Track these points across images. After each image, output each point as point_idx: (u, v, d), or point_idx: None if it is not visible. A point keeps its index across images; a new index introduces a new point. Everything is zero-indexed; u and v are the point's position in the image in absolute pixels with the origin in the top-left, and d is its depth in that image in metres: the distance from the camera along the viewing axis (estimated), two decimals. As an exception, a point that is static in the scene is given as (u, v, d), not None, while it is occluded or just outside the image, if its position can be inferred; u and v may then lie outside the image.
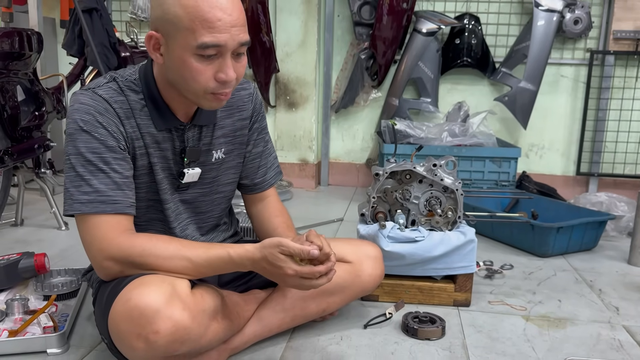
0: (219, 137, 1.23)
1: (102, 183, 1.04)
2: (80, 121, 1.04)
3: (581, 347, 1.36)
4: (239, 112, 1.26)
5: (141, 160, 1.13)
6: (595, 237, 2.14)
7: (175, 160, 1.17)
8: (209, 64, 1.01)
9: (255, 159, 1.33)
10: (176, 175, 1.18)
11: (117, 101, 1.08)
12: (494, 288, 1.73)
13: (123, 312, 0.96)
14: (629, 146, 2.97)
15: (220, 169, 1.26)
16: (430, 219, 1.57)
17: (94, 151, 1.04)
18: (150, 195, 1.17)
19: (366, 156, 3.28)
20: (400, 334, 1.40)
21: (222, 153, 1.25)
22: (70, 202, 1.04)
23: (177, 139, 1.16)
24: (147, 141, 1.12)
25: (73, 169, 1.04)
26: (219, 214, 1.32)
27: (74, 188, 1.04)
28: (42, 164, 2.34)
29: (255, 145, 1.32)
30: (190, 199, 1.23)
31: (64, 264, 1.77)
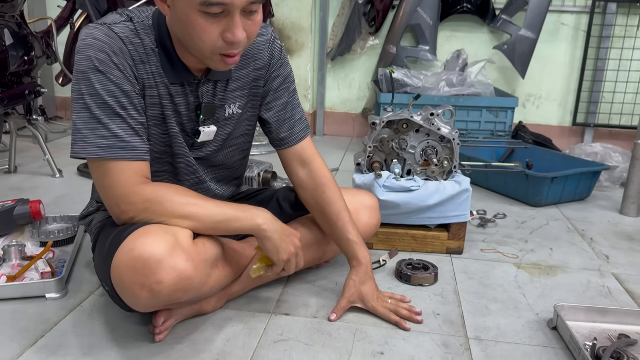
0: (233, 90, 1.16)
1: (120, 128, 1.00)
2: (95, 59, 0.97)
3: (571, 293, 1.39)
4: (254, 61, 1.18)
5: (153, 110, 1.07)
6: (589, 187, 2.15)
7: (189, 117, 1.12)
8: (216, 22, 0.93)
9: (279, 111, 1.24)
10: (190, 133, 1.13)
11: (133, 43, 1.01)
12: (486, 236, 1.75)
13: (126, 261, 0.96)
14: (626, 96, 2.95)
15: (234, 123, 1.20)
16: (426, 168, 1.57)
17: (110, 94, 0.99)
18: (161, 147, 1.12)
19: (362, 105, 3.25)
20: (393, 280, 1.42)
21: (236, 108, 1.18)
22: (83, 144, 0.99)
23: (191, 94, 1.10)
24: (161, 92, 1.07)
25: (88, 109, 0.98)
26: (232, 165, 1.28)
27: (88, 130, 0.99)
28: (34, 110, 2.31)
29: (278, 96, 1.24)
30: (204, 156, 1.19)
31: (59, 210, 1.77)
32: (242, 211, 1.07)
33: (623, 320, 1.21)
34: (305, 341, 1.13)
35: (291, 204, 1.36)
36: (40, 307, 1.24)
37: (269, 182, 1.92)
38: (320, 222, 1.30)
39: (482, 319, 1.25)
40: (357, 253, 1.25)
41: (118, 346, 1.10)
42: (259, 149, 2.72)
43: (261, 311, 1.25)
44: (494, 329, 1.20)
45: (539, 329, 1.21)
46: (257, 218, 1.07)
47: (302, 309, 1.26)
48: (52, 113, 3.34)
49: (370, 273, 1.26)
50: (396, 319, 1.20)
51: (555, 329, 1.20)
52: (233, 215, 1.06)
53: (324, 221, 1.28)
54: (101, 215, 1.21)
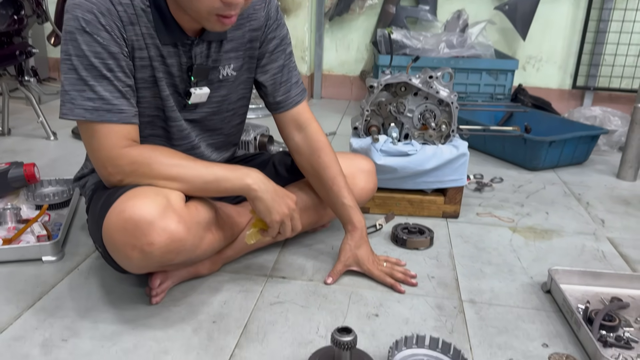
0: (228, 51, 1.14)
1: (107, 90, 0.99)
2: (82, 20, 0.96)
3: (565, 257, 1.40)
4: (249, 22, 1.15)
5: (143, 72, 1.05)
6: (587, 151, 2.14)
7: (181, 78, 1.10)
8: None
9: (275, 74, 1.22)
10: (182, 94, 1.12)
11: (122, 3, 0.99)
12: (482, 201, 1.75)
13: (117, 223, 0.96)
14: (628, 59, 2.91)
15: (230, 86, 1.18)
16: (424, 132, 1.56)
17: (97, 55, 0.97)
18: (153, 111, 1.11)
19: (360, 68, 3.20)
20: (389, 244, 1.43)
21: (231, 70, 1.16)
22: (71, 106, 0.98)
23: (184, 55, 1.08)
24: (152, 53, 1.04)
25: (75, 70, 0.97)
26: (230, 130, 1.27)
27: (76, 92, 0.98)
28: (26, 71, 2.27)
29: (274, 59, 1.21)
30: (199, 118, 1.18)
31: (54, 174, 1.76)
32: (232, 171, 1.06)
33: (616, 283, 1.22)
34: (302, 303, 1.14)
35: (287, 168, 1.36)
36: (37, 270, 1.24)
37: (265, 146, 1.90)
38: (315, 187, 1.29)
39: (476, 282, 1.26)
40: (352, 217, 1.25)
41: (115, 308, 1.10)
42: (256, 112, 2.69)
43: (258, 274, 1.25)
44: (487, 292, 1.21)
45: (532, 292, 1.22)
46: (247, 178, 1.06)
47: (299, 273, 1.27)
48: (45, 74, 3.29)
49: (366, 237, 1.26)
50: (391, 282, 1.21)
51: (549, 293, 1.21)
52: (222, 176, 1.05)
53: (319, 186, 1.28)
54: (95, 177, 1.20)
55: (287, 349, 1.00)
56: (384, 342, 1.02)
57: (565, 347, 1.03)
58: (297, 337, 1.03)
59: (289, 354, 0.98)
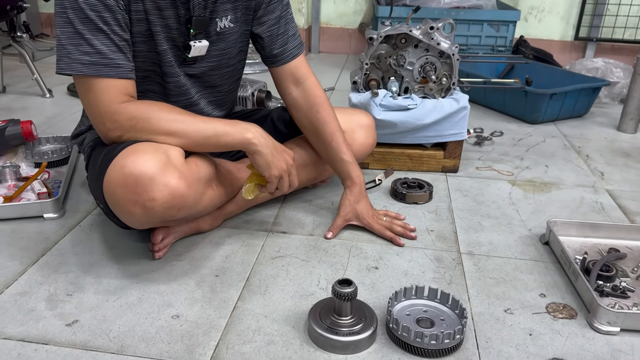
0: (224, 3, 1.11)
1: (104, 44, 0.97)
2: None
3: (564, 209, 1.41)
4: None
5: (138, 26, 1.03)
6: (588, 104, 2.13)
7: (179, 31, 1.08)
8: None
9: (272, 25, 1.20)
10: (181, 48, 1.10)
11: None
12: (482, 154, 1.75)
13: (118, 178, 0.96)
14: (632, 9, 2.85)
15: (229, 39, 1.16)
16: (424, 85, 1.54)
17: (93, 8, 0.95)
18: (149, 65, 1.09)
19: (359, 20, 3.13)
20: (389, 198, 1.44)
21: (228, 21, 1.14)
22: (67, 60, 0.97)
23: (182, 7, 1.05)
24: (148, 6, 1.02)
25: (70, 24, 0.95)
26: (229, 87, 1.25)
27: (72, 46, 0.96)
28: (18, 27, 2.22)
29: (270, 10, 1.19)
30: (199, 74, 1.16)
31: (52, 131, 1.75)
32: (232, 126, 1.06)
33: (614, 235, 1.23)
34: (302, 257, 1.16)
35: (286, 123, 1.35)
36: (39, 227, 1.25)
37: (263, 101, 1.89)
38: (313, 143, 1.29)
39: (475, 234, 1.27)
40: (351, 173, 1.25)
41: (118, 263, 1.12)
42: (252, 67, 2.65)
43: (258, 230, 1.26)
44: (486, 244, 1.23)
45: (531, 244, 1.24)
46: (247, 132, 1.05)
47: (299, 228, 1.28)
48: (37, 30, 3.22)
49: (365, 192, 1.27)
50: (391, 235, 1.22)
51: (547, 244, 1.23)
52: (222, 130, 1.04)
53: (317, 142, 1.27)
54: (93, 134, 1.20)
55: (289, 301, 1.02)
56: (384, 293, 1.04)
57: (562, 297, 1.05)
58: (298, 290, 1.05)
59: (291, 306, 1.00)
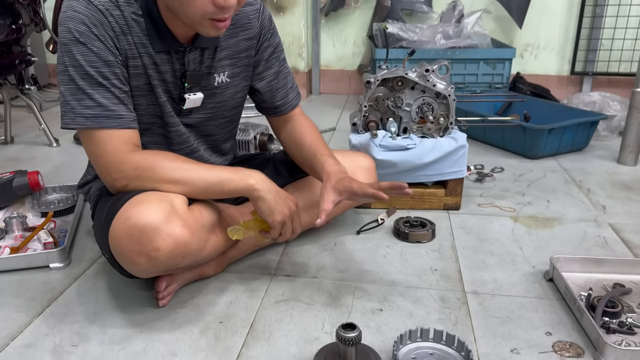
0: (222, 59, 1.16)
1: (105, 97, 1.01)
2: (75, 31, 0.98)
3: (567, 245, 1.41)
4: (244, 31, 1.17)
5: (138, 80, 1.07)
6: (587, 138, 2.15)
7: (175, 84, 1.11)
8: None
9: (272, 80, 1.25)
10: (177, 100, 1.13)
11: (113, 15, 1.01)
12: (484, 191, 1.76)
13: (123, 230, 0.98)
14: (626, 43, 2.90)
15: (225, 93, 1.20)
16: (422, 125, 1.56)
17: (92, 64, 0.99)
18: (150, 118, 1.12)
19: (358, 62, 3.20)
20: (392, 238, 1.44)
21: (225, 77, 1.18)
22: (72, 115, 1.00)
23: (177, 62, 1.10)
24: (146, 62, 1.06)
25: (72, 81, 0.99)
26: (224, 135, 1.29)
27: (75, 101, 1.00)
28: (26, 79, 2.28)
29: (269, 66, 1.24)
30: (194, 123, 1.19)
31: (58, 180, 1.78)
32: (235, 173, 1.08)
33: (618, 269, 1.23)
34: (307, 301, 1.16)
35: (288, 166, 1.37)
36: (45, 277, 1.26)
37: (265, 145, 1.92)
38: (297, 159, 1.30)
39: (479, 273, 1.27)
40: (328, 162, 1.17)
41: (123, 312, 1.12)
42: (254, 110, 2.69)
43: (262, 273, 1.27)
44: (490, 283, 1.23)
45: (535, 281, 1.23)
46: (250, 179, 1.07)
47: (303, 270, 1.28)
48: (45, 81, 3.30)
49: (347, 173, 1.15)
50: (373, 191, 1.06)
51: (552, 281, 1.22)
52: (225, 177, 1.06)
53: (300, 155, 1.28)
54: (99, 183, 1.22)
55: (294, 346, 1.01)
56: (389, 336, 1.04)
57: (568, 334, 1.04)
58: (302, 335, 1.05)
59: (296, 352, 1.00)
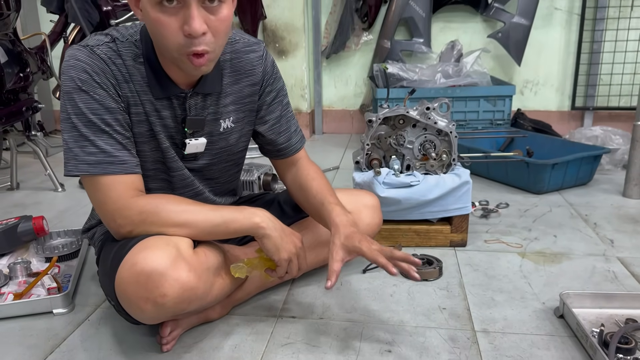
0: (226, 105, 1.17)
1: (108, 144, 1.01)
2: (77, 80, 1.00)
3: (576, 280, 1.39)
4: (247, 78, 1.18)
5: (140, 127, 1.08)
6: (591, 172, 2.15)
7: (177, 130, 1.12)
8: (174, 16, 0.93)
9: (274, 124, 1.25)
10: (179, 145, 1.14)
11: (115, 63, 1.03)
12: (490, 227, 1.75)
13: (129, 277, 0.97)
14: (624, 78, 2.94)
15: (230, 138, 1.21)
16: (425, 162, 1.57)
17: (94, 112, 1.01)
18: (153, 164, 1.13)
19: (360, 102, 3.25)
20: (398, 276, 1.42)
21: (230, 122, 1.19)
22: (75, 162, 1.01)
23: (179, 108, 1.10)
24: (148, 108, 1.07)
25: (75, 128, 1.01)
26: (228, 178, 1.29)
27: (78, 148, 1.01)
28: (32, 126, 2.32)
29: (271, 110, 1.24)
30: (198, 168, 1.20)
31: (63, 225, 1.78)
32: (239, 212, 1.08)
33: (630, 304, 1.21)
34: (313, 343, 1.13)
35: (293, 206, 1.37)
36: (48, 323, 1.24)
37: (269, 185, 1.92)
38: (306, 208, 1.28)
39: (488, 311, 1.25)
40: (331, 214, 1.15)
41: (127, 358, 1.10)
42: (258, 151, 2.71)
43: (267, 315, 1.25)
44: (500, 321, 1.20)
45: (545, 318, 1.21)
46: (255, 217, 1.07)
47: (309, 311, 1.26)
48: (51, 127, 3.35)
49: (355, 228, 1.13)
50: (384, 262, 1.04)
51: (562, 317, 1.20)
52: (230, 217, 1.06)
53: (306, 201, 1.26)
54: (103, 227, 1.22)
55: (301, 390, 0.99)
56: (398, 378, 1.01)
57: (582, 373, 1.02)
58: (310, 378, 1.02)
59: (303, 396, 0.97)
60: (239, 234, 1.09)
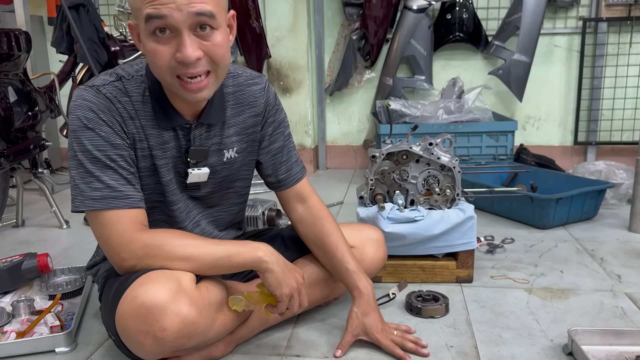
0: (230, 135, 1.19)
1: (112, 179, 1.03)
2: (83, 118, 1.02)
3: (584, 316, 1.37)
4: (250, 109, 1.21)
5: (144, 162, 1.10)
6: (595, 206, 2.14)
7: (180, 159, 1.14)
8: (167, 44, 0.96)
9: (276, 154, 1.27)
10: (183, 175, 1.16)
11: (121, 101, 1.06)
12: (495, 262, 1.74)
13: (130, 310, 0.97)
14: (626, 113, 2.96)
15: (232, 168, 1.22)
16: (429, 197, 1.57)
17: (99, 149, 1.03)
18: (155, 197, 1.15)
19: (363, 137, 3.27)
20: (404, 313, 1.41)
21: (234, 152, 1.21)
22: (81, 198, 1.03)
23: (183, 138, 1.13)
24: (152, 143, 1.09)
25: (81, 165, 1.03)
26: (229, 207, 1.30)
27: (84, 184, 1.03)
28: (39, 163, 2.34)
29: (273, 140, 1.26)
30: (200, 196, 1.21)
31: (67, 262, 1.78)
32: (243, 246, 1.08)
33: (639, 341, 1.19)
34: (318, 382, 1.12)
35: (297, 241, 1.37)
36: (50, 363, 1.23)
37: (273, 220, 1.92)
38: (319, 255, 1.30)
39: (496, 348, 1.23)
40: (357, 283, 1.23)
41: (129, 398, 1.08)
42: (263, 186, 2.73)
43: (271, 354, 1.23)
44: (508, 359, 1.18)
45: (554, 355, 1.19)
46: (258, 251, 1.07)
47: (313, 350, 1.24)
48: (57, 164, 3.38)
49: (373, 303, 1.24)
50: (401, 354, 1.18)
51: (571, 355, 1.18)
52: (234, 251, 1.06)
53: (323, 254, 1.28)
54: (107, 264, 1.22)
55: None
56: (405, 418, 0.99)
57: (594, 412, 0.99)
58: (315, 418, 1.00)
59: None
60: (241, 268, 1.09)
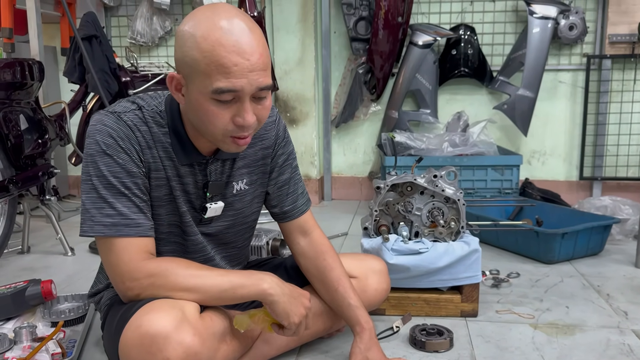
0: (240, 167, 1.21)
1: (125, 206, 1.04)
2: (102, 144, 1.03)
3: (591, 353, 1.35)
4: (261, 141, 1.23)
5: (159, 191, 1.11)
6: (601, 242, 2.13)
7: (197, 194, 1.15)
8: (227, 108, 0.99)
9: (282, 186, 1.29)
10: (198, 209, 1.17)
11: (141, 130, 1.07)
12: (501, 297, 1.72)
13: (134, 339, 0.96)
14: (631, 149, 2.97)
15: (244, 200, 1.24)
16: (434, 229, 1.57)
17: (115, 175, 1.04)
18: (168, 227, 1.15)
19: (368, 169, 3.29)
20: (408, 347, 1.39)
21: (244, 184, 1.22)
22: (90, 223, 1.03)
23: (200, 173, 1.14)
24: (169, 174, 1.11)
25: (95, 190, 1.03)
26: (242, 243, 1.31)
27: (95, 210, 1.03)
28: (47, 190, 2.36)
29: (282, 172, 1.29)
30: (214, 232, 1.22)
31: (71, 289, 1.78)
32: (247, 277, 1.08)
33: (648, 379, 1.17)
34: (320, 415, 1.10)
35: (299, 271, 1.36)
36: (49, 391, 1.22)
37: (277, 250, 1.92)
38: (319, 289, 1.30)
39: (501, 384, 1.21)
40: (359, 318, 1.23)
41: None
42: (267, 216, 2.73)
43: (273, 385, 1.22)
44: (514, 395, 1.16)
45: (560, 392, 1.17)
46: (263, 283, 1.07)
47: (315, 382, 1.23)
48: (65, 192, 3.41)
49: (375, 339, 1.24)
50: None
51: (578, 392, 1.16)
52: (238, 283, 1.06)
53: (324, 288, 1.29)
54: (110, 292, 1.22)
55: None
56: None
57: None
58: None
59: None
60: (246, 300, 1.09)
